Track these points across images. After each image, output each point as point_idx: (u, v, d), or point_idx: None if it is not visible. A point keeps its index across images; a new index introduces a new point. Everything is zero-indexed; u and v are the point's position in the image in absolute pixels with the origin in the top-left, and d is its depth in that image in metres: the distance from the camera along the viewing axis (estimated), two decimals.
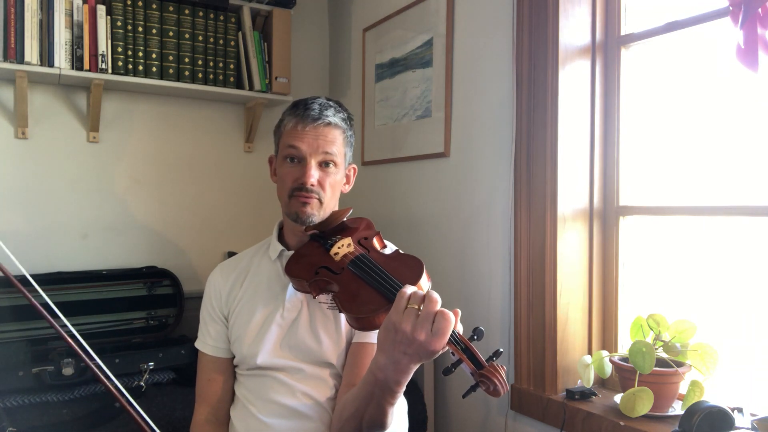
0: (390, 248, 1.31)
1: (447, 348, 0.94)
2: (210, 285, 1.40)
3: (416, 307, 0.92)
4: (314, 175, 1.23)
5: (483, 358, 0.94)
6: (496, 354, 0.95)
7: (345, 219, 1.31)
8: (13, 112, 2.06)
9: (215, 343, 1.35)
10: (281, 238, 1.38)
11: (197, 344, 1.38)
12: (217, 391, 1.34)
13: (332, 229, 1.29)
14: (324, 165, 1.25)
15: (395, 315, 0.93)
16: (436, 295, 0.93)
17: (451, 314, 0.91)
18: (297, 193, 1.24)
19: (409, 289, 0.95)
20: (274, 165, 1.35)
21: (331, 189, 1.27)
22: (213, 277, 1.40)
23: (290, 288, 1.27)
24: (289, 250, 1.33)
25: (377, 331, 1.01)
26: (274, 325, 1.26)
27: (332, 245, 1.22)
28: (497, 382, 0.91)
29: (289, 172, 1.26)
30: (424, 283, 1.06)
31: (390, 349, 0.94)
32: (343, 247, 1.20)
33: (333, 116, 1.25)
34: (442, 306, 0.93)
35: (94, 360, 0.87)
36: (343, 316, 1.25)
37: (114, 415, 1.60)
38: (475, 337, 0.96)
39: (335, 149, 1.25)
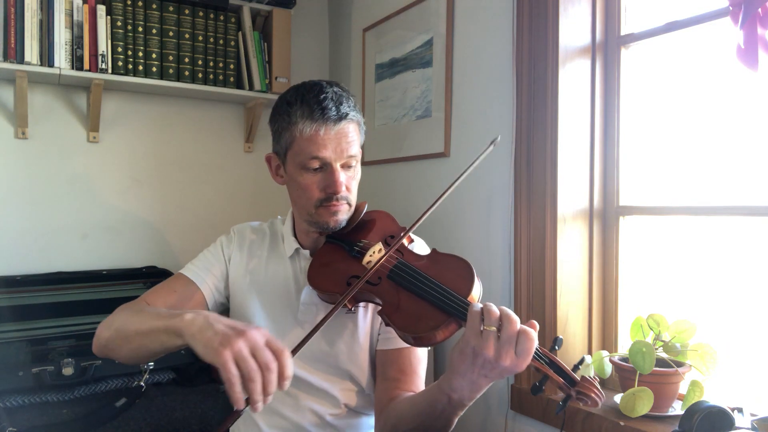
0: (418, 242, 1.25)
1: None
2: (233, 241, 1.31)
3: (494, 328, 0.86)
4: (343, 181, 1.14)
5: (571, 371, 0.91)
6: (581, 362, 0.92)
7: (362, 215, 1.22)
8: (13, 112, 2.06)
9: (211, 281, 1.25)
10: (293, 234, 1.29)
11: (184, 270, 1.26)
12: (171, 306, 1.19)
13: (352, 228, 1.19)
14: (347, 166, 1.17)
15: (474, 339, 0.87)
16: (513, 315, 0.87)
17: (532, 332, 0.86)
18: (327, 203, 1.15)
19: (478, 306, 0.89)
20: (275, 164, 1.24)
21: (355, 187, 1.20)
22: (240, 238, 1.31)
23: (306, 290, 1.21)
24: (303, 248, 1.27)
25: None
26: (287, 328, 1.22)
27: (362, 253, 1.12)
28: (595, 396, 0.88)
29: (314, 182, 1.15)
30: (477, 289, 0.98)
31: (469, 373, 0.89)
32: (375, 254, 1.10)
33: (349, 108, 1.14)
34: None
35: None
36: (368, 325, 1.20)
37: (114, 415, 1.61)
38: (557, 348, 0.93)
39: (356, 148, 1.17)
